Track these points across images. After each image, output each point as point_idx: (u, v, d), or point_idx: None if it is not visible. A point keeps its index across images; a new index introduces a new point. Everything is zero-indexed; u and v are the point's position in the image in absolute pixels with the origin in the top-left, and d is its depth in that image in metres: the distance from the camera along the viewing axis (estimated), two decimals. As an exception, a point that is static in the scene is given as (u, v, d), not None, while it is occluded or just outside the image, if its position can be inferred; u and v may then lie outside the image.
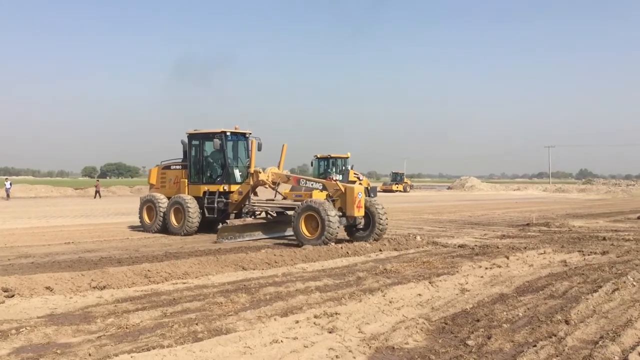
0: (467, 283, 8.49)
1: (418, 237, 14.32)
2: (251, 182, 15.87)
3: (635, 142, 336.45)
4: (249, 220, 15.77)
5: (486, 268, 9.82)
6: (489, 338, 5.60)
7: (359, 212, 14.17)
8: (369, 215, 14.45)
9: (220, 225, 15.52)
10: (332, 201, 14.14)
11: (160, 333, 5.78)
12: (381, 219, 14.40)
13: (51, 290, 7.79)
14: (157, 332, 5.82)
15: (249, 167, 16.36)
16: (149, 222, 17.31)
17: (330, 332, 5.79)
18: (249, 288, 8.14)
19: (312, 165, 34.85)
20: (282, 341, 5.46)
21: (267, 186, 16.18)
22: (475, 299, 7.48)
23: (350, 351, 5.26)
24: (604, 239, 14.51)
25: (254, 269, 9.95)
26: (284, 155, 16.69)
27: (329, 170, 35.02)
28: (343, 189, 14.20)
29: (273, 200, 16.51)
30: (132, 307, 6.96)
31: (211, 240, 15.02)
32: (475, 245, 13.20)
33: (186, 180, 17.22)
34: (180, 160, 17.79)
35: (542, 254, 11.65)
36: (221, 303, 7.15)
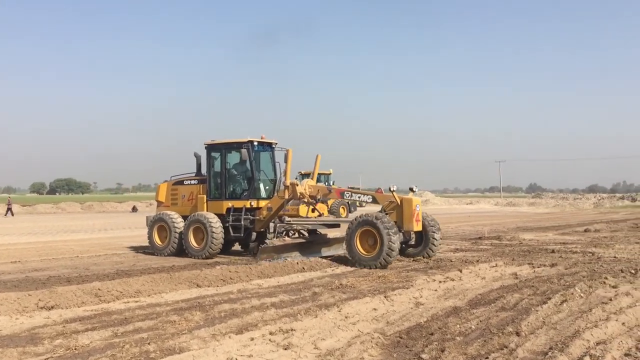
0: (421, 297, 8.58)
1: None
2: (286, 196, 14.34)
3: (581, 157, 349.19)
4: (288, 239, 14.56)
5: (440, 282, 9.95)
6: (442, 351, 5.67)
7: (418, 227, 13.06)
8: (422, 231, 13.58)
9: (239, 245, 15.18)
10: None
11: (110, 354, 5.63)
12: (435, 236, 13.56)
13: (-5, 312, 7.49)
14: (107, 353, 5.66)
15: (273, 180, 15.50)
16: (160, 243, 15.51)
17: (285, 349, 5.75)
18: (204, 305, 8.02)
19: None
20: (236, 359, 5.39)
21: (305, 200, 14.81)
22: (430, 312, 7.57)
23: (305, 368, 5.24)
24: (553, 251, 14.89)
25: (208, 286, 9.82)
26: (317, 166, 15.53)
27: None
28: (399, 201, 12.97)
29: (306, 218, 15.47)
30: (82, 328, 6.76)
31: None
32: (430, 259, 13.37)
33: (204, 196, 15.49)
34: (194, 175, 16.18)
35: (494, 266, 11.88)
36: (174, 321, 7.01)
